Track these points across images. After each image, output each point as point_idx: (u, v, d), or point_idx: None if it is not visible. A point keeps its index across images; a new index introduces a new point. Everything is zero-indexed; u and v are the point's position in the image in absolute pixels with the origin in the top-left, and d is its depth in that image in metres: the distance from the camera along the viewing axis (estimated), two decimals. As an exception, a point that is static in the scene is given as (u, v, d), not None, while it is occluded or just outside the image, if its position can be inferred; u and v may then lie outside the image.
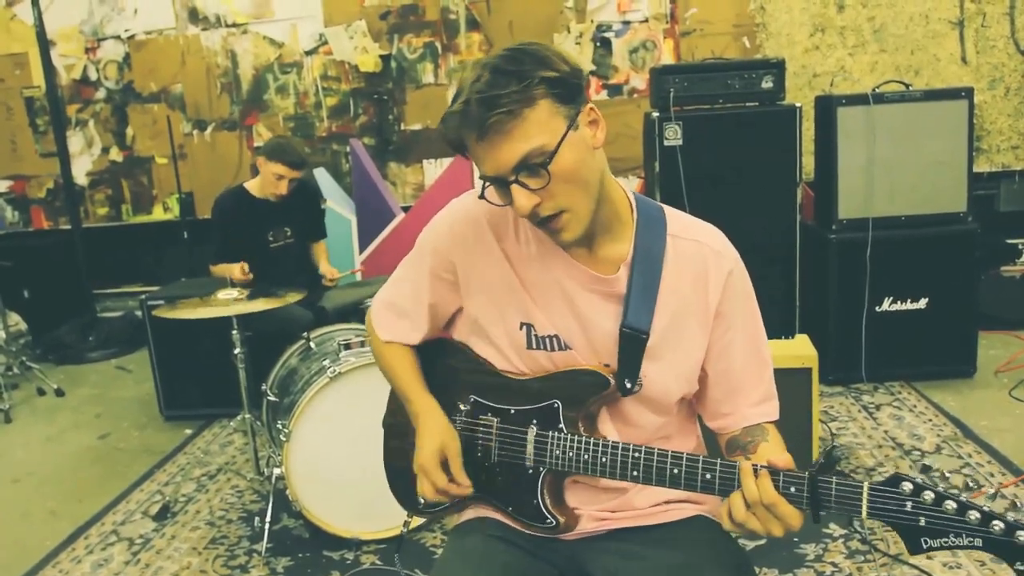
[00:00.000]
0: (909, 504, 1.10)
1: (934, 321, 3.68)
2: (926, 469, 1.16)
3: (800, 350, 2.87)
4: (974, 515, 1.07)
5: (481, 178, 1.24)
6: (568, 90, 1.18)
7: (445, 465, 1.37)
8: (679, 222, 1.37)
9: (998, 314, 4.20)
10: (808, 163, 4.04)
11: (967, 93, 3.65)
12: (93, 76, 5.43)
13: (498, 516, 1.43)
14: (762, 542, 2.51)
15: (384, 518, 2.70)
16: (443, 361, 1.48)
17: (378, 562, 2.63)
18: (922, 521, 1.09)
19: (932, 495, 1.09)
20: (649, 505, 1.40)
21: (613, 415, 1.37)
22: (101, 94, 5.45)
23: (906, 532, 1.11)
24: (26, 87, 5.49)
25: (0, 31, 5.44)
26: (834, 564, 2.43)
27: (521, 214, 1.20)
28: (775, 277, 3.74)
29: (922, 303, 3.69)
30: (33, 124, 5.55)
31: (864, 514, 1.12)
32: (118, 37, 5.36)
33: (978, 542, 1.08)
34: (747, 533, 1.19)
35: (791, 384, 2.76)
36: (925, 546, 1.11)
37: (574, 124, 1.19)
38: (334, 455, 2.68)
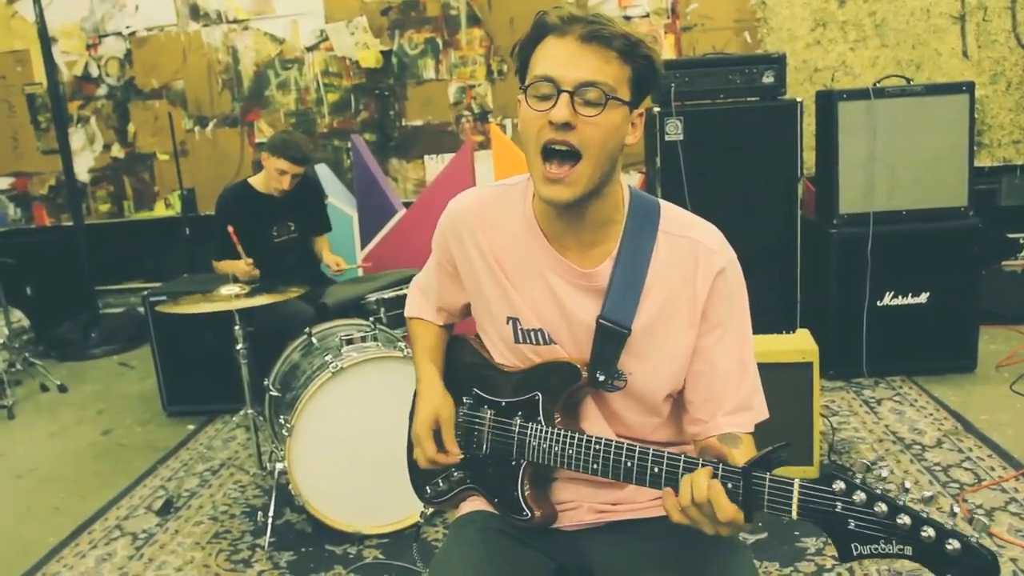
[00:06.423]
0: (839, 504, 1.00)
1: (935, 316, 3.68)
2: (869, 468, 1.03)
3: (801, 344, 2.87)
4: (904, 519, 0.96)
5: (534, 79, 1.22)
6: (646, 81, 1.25)
7: (438, 434, 1.42)
8: (674, 219, 1.35)
9: (999, 309, 4.19)
10: (809, 158, 4.04)
11: (968, 88, 3.64)
12: (94, 73, 5.44)
13: (491, 508, 1.45)
14: (763, 536, 2.52)
15: (387, 512, 2.71)
16: (453, 355, 1.54)
17: (381, 556, 2.64)
18: (852, 524, 0.99)
19: (864, 495, 0.98)
20: (649, 499, 1.41)
21: (604, 411, 1.38)
22: (103, 91, 5.46)
23: (837, 536, 1.01)
24: (28, 84, 5.50)
25: (1, 28, 5.44)
26: (835, 558, 2.42)
27: (556, 119, 1.19)
28: (776, 272, 3.75)
29: (923, 298, 3.69)
30: (35, 121, 5.55)
31: (794, 513, 1.04)
32: (119, 34, 5.36)
33: (908, 550, 0.96)
34: (695, 528, 1.13)
35: (792, 379, 2.77)
36: (855, 552, 1.00)
37: (631, 107, 1.24)
38: (336, 450, 2.69)
